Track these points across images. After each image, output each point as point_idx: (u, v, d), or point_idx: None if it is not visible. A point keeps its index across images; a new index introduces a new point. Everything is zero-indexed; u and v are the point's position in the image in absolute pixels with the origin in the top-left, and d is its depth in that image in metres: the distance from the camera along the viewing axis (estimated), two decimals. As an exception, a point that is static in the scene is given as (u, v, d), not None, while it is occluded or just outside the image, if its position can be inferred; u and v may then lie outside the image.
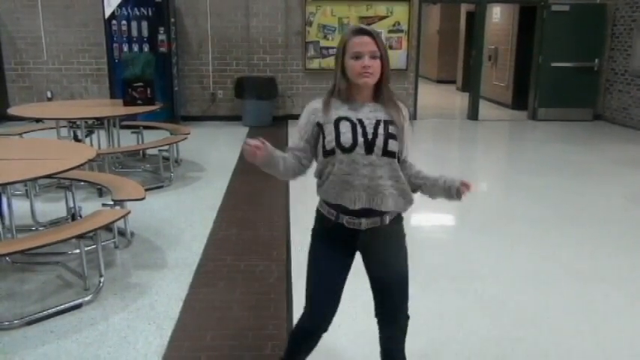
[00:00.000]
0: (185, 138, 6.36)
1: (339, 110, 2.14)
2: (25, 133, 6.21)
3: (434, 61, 17.74)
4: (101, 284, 3.61)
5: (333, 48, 9.33)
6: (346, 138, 2.09)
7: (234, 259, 4.12)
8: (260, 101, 9.55)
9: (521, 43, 11.47)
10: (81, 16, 9.55)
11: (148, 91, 6.28)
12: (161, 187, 5.94)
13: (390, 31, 10.03)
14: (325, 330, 2.34)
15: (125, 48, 8.98)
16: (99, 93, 9.79)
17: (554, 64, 10.21)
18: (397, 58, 10.11)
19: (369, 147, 2.09)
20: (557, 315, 3.40)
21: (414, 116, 10.30)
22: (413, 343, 2.45)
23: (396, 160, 2.14)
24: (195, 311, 3.36)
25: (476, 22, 10.67)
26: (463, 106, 11.35)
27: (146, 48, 8.97)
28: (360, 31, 2.12)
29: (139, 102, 6.24)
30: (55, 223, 4.68)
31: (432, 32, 17.75)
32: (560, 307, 3.51)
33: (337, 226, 2.19)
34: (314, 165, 2.24)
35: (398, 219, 2.26)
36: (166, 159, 6.43)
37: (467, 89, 12.02)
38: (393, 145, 2.12)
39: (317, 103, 2.20)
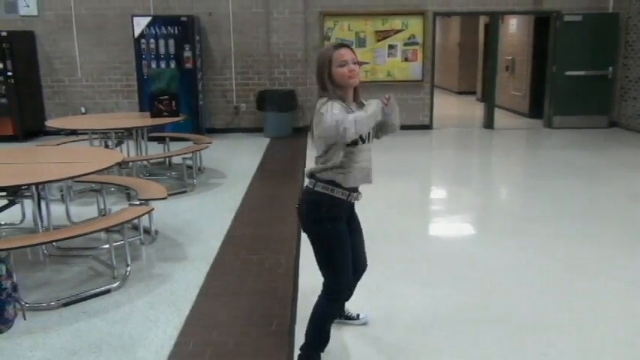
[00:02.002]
0: (207, 147, 6.80)
1: (350, 110, 2.67)
2: (62, 144, 6.73)
3: (455, 72, 18.00)
4: (127, 273, 4.02)
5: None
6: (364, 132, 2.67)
7: (248, 253, 4.49)
8: (281, 113, 9.98)
9: (537, 52, 11.70)
10: (112, 36, 10.16)
11: (173, 104, 6.75)
12: (184, 192, 6.37)
13: (405, 44, 10.39)
14: (351, 294, 2.97)
15: (153, 65, 9.52)
16: (129, 107, 10.35)
17: (568, 73, 10.41)
18: (413, 69, 10.46)
19: (369, 137, 2.77)
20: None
21: (429, 126, 10.62)
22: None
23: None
24: (209, 296, 3.73)
25: (490, 34, 10.95)
26: (481, 116, 11.60)
27: (172, 64, 9.50)
28: (341, 46, 2.70)
29: (165, 114, 6.71)
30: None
31: (452, 44, 18.04)
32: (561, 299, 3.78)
33: (346, 205, 2.77)
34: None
35: None
36: (190, 167, 6.88)
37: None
38: (375, 135, 2.87)
39: (335, 103, 2.57)
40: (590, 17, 10.21)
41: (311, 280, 3.86)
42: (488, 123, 10.90)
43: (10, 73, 9.49)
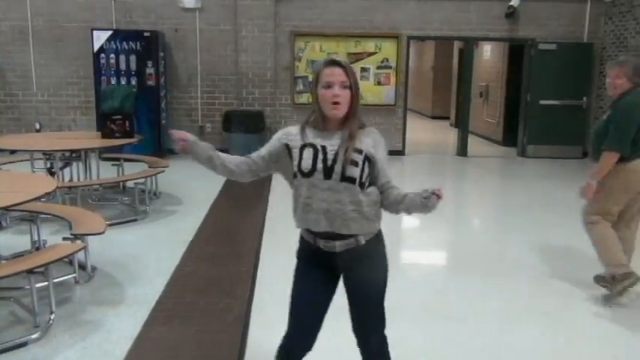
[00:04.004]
0: (162, 171, 6.32)
1: (309, 137, 2.28)
2: (3, 164, 6.19)
3: (428, 96, 17.85)
4: (51, 321, 3.51)
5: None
6: (306, 163, 2.23)
7: (196, 296, 4.02)
8: (247, 135, 9.53)
9: (511, 80, 11.52)
10: (71, 49, 9.64)
11: (127, 124, 6.26)
12: (135, 220, 5.87)
13: (378, 67, 10.10)
14: (308, 349, 2.41)
15: (113, 81, 9.04)
16: (87, 125, 9.80)
17: (542, 102, 10.22)
18: (386, 93, 10.16)
19: (328, 172, 2.21)
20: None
21: (401, 152, 10.28)
22: None
23: (357, 186, 2.22)
24: (143, 350, 3.25)
25: (464, 60, 10.74)
26: (454, 142, 11.34)
27: (134, 81, 9.02)
28: (332, 63, 2.26)
29: (117, 135, 6.22)
30: (18, 256, 4.59)
31: (426, 68, 17.91)
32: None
33: (316, 250, 2.32)
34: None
35: (376, 238, 2.35)
36: (144, 191, 6.39)
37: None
38: (351, 171, 2.21)
39: (292, 128, 2.37)
40: (565, 46, 10.06)
41: (262, 332, 3.43)
42: (462, 150, 10.63)
43: (-42, 86, 8.90)
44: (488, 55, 12.90)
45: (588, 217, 4.14)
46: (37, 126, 9.80)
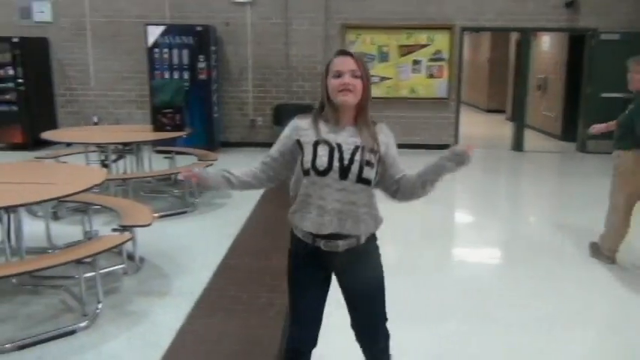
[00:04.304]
0: (211, 164, 6.36)
1: (321, 132, 2.17)
2: (60, 156, 6.38)
3: (484, 90, 17.39)
4: (98, 310, 3.58)
5: (372, 76, 9.28)
6: (322, 161, 2.12)
7: (239, 289, 4.01)
8: (297, 128, 9.53)
9: (571, 72, 11.05)
10: (127, 44, 9.86)
11: (177, 118, 6.36)
12: (184, 212, 5.95)
13: (430, 60, 9.88)
14: (313, 346, 2.37)
15: (167, 75, 9.19)
16: (142, 119, 10.00)
17: (603, 95, 9.74)
18: (438, 86, 9.94)
19: (344, 172, 2.12)
20: None
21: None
22: None
23: (371, 186, 2.18)
24: (185, 342, 3.26)
25: (521, 51, 10.38)
26: (510, 136, 10.98)
27: (186, 75, 9.15)
28: (342, 53, 2.18)
29: (168, 128, 6.32)
30: (70, 246, 4.72)
31: (482, 60, 17.45)
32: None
33: (314, 249, 2.22)
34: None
35: (372, 238, 2.31)
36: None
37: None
38: (368, 173, 2.14)
39: (301, 121, 2.24)
40: (629, 36, 9.53)
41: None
42: (517, 145, 10.29)
43: (20, 80, 9.24)
44: (547, 46, 12.42)
45: (615, 199, 4.63)
46: (95, 119, 10.11)
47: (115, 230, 4.05)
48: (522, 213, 6.88)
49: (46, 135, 6.17)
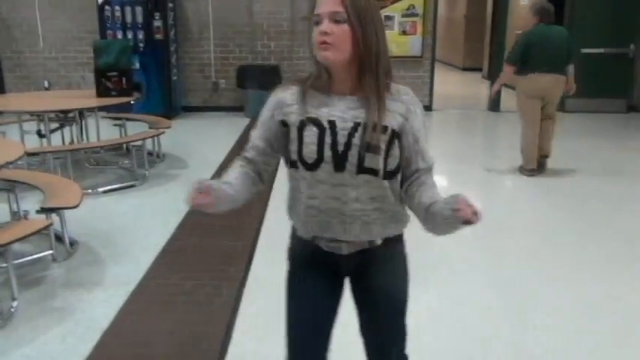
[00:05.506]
0: (163, 132, 5.85)
1: (309, 106, 1.57)
2: (-4, 125, 5.80)
3: (460, 47, 16.84)
4: (13, 309, 3.11)
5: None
6: (310, 150, 1.54)
7: (182, 276, 3.56)
8: (263, 91, 8.95)
9: (550, 27, 10.56)
10: (78, 1, 9.10)
11: (124, 81, 5.77)
12: (132, 186, 5.43)
13: (403, 15, 9.30)
14: None
15: (119, 35, 8.51)
16: (97, 82, 9.35)
17: (584, 51, 9.28)
18: (411, 44, 9.40)
19: (339, 162, 1.53)
20: None
21: (428, 107, 9.57)
22: None
23: (381, 178, 1.55)
24: (109, 347, 2.81)
25: (498, 5, 9.85)
26: (487, 95, 10.54)
27: (141, 35, 8.48)
28: None
29: (113, 93, 5.73)
30: (-4, 229, 4.21)
31: (458, 17, 16.85)
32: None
33: (315, 249, 1.67)
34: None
35: (395, 238, 1.70)
36: (150, 154, 5.97)
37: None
38: (372, 161, 1.52)
39: (285, 93, 1.63)
40: (611, -12, 9.08)
41: (251, 325, 2.97)
42: (494, 105, 9.86)
43: (-41, 42, 8.51)
44: (525, 0, 11.88)
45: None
46: (46, 84, 9.36)
47: (39, 212, 3.55)
48: (495, 178, 6.50)
49: (-26, 103, 5.56)
